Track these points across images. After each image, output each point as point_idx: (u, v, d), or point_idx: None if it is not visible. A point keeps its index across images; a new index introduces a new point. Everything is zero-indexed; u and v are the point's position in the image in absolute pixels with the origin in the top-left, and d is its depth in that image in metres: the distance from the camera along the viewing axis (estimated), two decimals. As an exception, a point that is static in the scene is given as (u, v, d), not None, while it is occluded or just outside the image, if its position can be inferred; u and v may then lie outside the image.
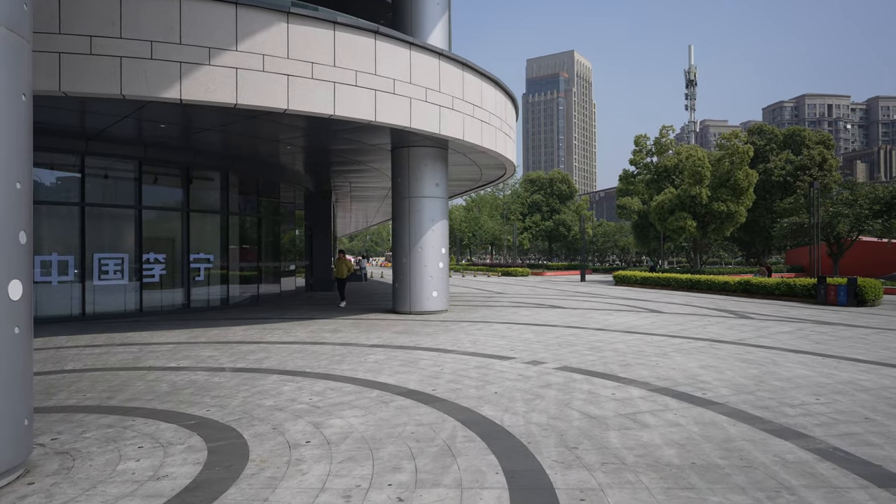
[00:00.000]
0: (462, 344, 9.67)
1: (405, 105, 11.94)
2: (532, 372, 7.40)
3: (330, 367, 7.72)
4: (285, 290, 19.88)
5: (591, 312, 14.95)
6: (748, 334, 10.81)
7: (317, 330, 11.55)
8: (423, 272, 14.60)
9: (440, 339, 10.28)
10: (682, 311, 15.22)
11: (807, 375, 7.16)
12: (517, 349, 9.14)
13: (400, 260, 14.91)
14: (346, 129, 12.65)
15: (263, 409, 5.68)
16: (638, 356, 8.47)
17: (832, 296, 17.60)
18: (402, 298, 14.83)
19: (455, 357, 8.48)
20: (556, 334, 10.80)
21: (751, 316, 14.09)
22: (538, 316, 14.07)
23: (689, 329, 11.56)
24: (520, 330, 11.43)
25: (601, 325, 12.11)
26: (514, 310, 15.74)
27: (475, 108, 13.81)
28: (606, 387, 6.57)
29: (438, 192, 14.88)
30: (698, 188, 30.74)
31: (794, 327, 11.87)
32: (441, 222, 14.89)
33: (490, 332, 11.07)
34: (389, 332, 11.27)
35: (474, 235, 56.02)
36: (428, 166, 14.71)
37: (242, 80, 10.04)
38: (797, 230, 27.19)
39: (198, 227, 15.92)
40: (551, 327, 11.86)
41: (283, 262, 19.80)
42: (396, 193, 15.05)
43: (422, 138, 13.75)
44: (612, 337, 10.43)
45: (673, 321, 12.96)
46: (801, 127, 38.86)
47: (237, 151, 15.70)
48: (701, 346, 9.33)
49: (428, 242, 14.64)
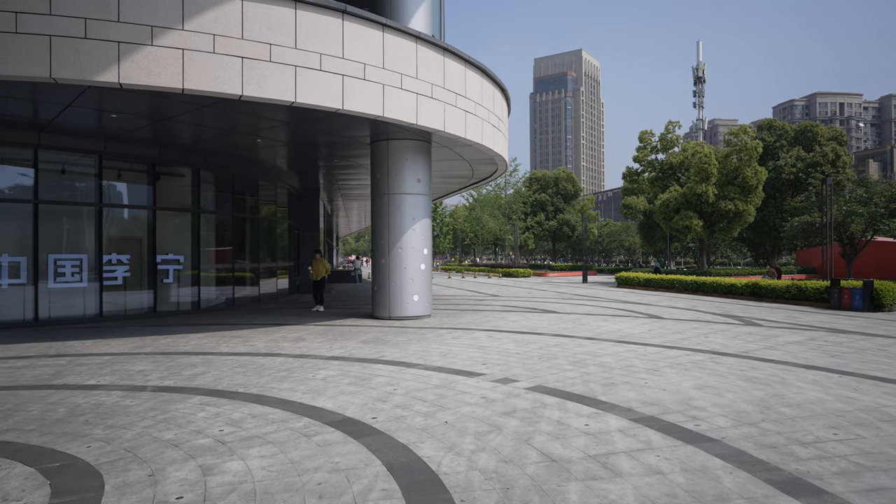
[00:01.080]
0: (431, 356, 8.63)
1: (377, 92, 10.92)
2: (498, 393, 6.35)
3: (267, 387, 6.70)
4: (267, 292, 18.90)
5: (585, 318, 13.86)
6: (754, 345, 9.69)
7: (279, 339, 10.55)
8: (403, 275, 13.57)
9: (409, 349, 9.25)
10: (683, 317, 14.10)
11: (821, 399, 6.06)
12: (491, 363, 8.09)
13: (378, 261, 13.89)
14: (315, 119, 11.64)
15: (156, 446, 4.66)
16: (626, 373, 7.40)
17: (846, 300, 16.41)
18: (380, 303, 13.81)
19: (417, 373, 7.44)
20: (540, 344, 9.74)
21: (758, 323, 12.96)
22: (526, 322, 13.00)
23: (689, 338, 10.46)
24: (501, 339, 10.38)
25: (592, 334, 11.03)
26: (503, 315, 14.68)
27: (458, 97, 12.76)
28: (581, 414, 5.51)
29: (420, 188, 13.85)
30: (705, 186, 29.47)
31: (806, 336, 10.74)
32: (423, 221, 13.86)
33: (467, 342, 10.02)
34: (357, 340, 10.25)
35: (476, 235, 54.89)
36: (408, 160, 13.68)
37: (190, 62, 9.06)
38: (808, 230, 25.90)
39: (166, 226, 14.97)
40: (537, 336, 10.79)
41: (263, 264, 18.83)
42: (375, 190, 14.03)
43: (401, 130, 12.74)
44: (601, 348, 9.35)
45: (672, 329, 11.85)
46: (812, 122, 37.40)
47: (208, 145, 14.73)
48: (699, 361, 8.24)
49: (408, 242, 13.61)
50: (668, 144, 33.31)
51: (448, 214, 70.01)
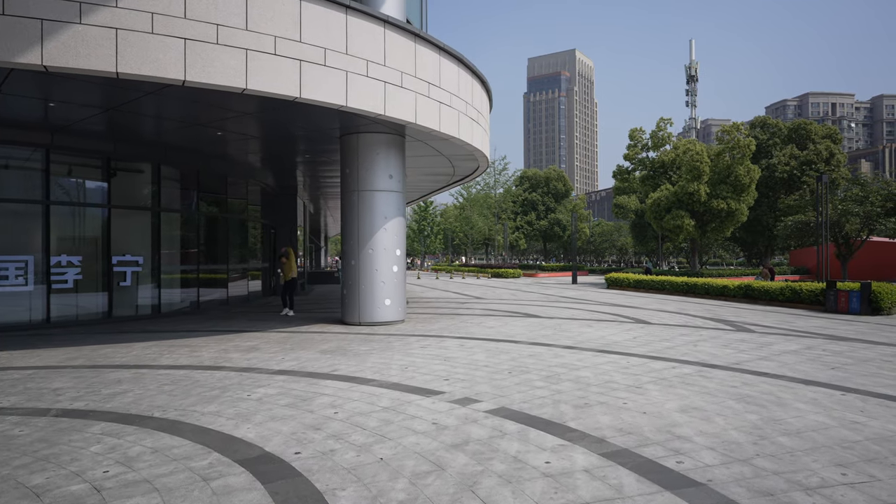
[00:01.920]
0: (389, 370, 7.77)
1: (340, 80, 10.04)
2: (453, 418, 5.49)
3: (189, 410, 5.82)
4: (237, 295, 17.97)
5: (568, 323, 13.03)
6: (747, 355, 8.88)
7: (230, 348, 9.66)
8: (374, 277, 12.70)
9: (369, 361, 8.38)
10: (672, 322, 13.30)
11: (824, 425, 5.24)
12: (454, 379, 7.23)
13: (348, 263, 13.01)
14: (273, 109, 10.75)
15: (13, 496, 3.78)
16: (603, 390, 6.56)
17: (843, 303, 15.66)
18: (350, 308, 12.93)
19: (367, 391, 6.57)
20: (514, 355, 8.89)
21: (751, 328, 12.16)
22: (504, 328, 12.16)
23: (677, 347, 9.64)
24: (472, 349, 9.52)
25: (573, 342, 10.19)
26: (482, 320, 13.83)
27: (431, 87, 11.91)
28: (543, 447, 4.66)
29: (393, 184, 12.98)
30: (696, 184, 28.69)
31: (803, 345, 9.94)
32: (396, 220, 12.99)
33: (435, 352, 9.16)
34: (315, 350, 9.37)
35: (466, 235, 54.02)
36: (380, 155, 12.81)
37: (125, 43, 8.16)
38: (803, 229, 25.17)
39: (123, 225, 14.04)
40: (512, 345, 9.95)
41: (233, 265, 17.90)
42: (344, 186, 13.15)
43: (370, 122, 11.88)
44: (579, 359, 8.51)
45: (659, 336, 11.03)
46: (806, 120, 36.69)
47: (169, 139, 13.82)
48: (687, 375, 7.41)
49: (380, 243, 12.74)
50: (659, 142, 32.50)
51: (439, 214, 69.15)
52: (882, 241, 27.81)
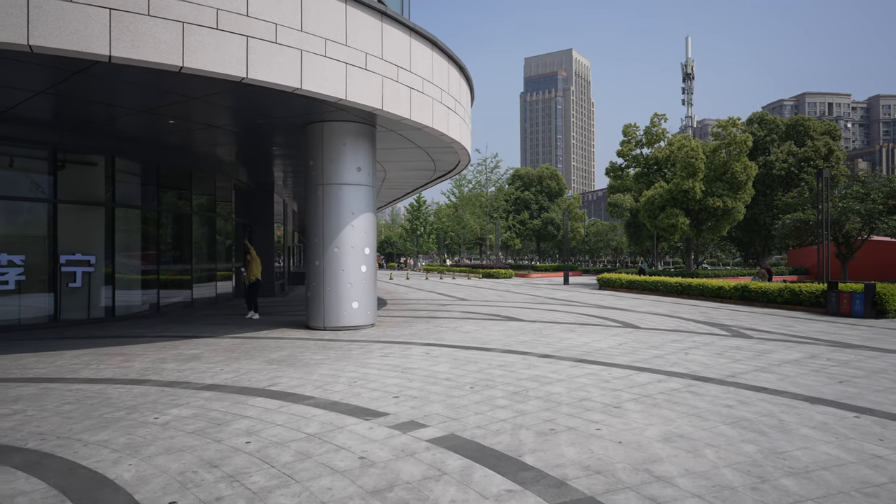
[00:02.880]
0: (335, 385, 6.78)
1: (293, 59, 9.06)
2: (388, 450, 4.52)
3: (73, 438, 4.83)
4: (203, 296, 16.95)
5: (550, 328, 12.07)
6: (743, 366, 7.92)
7: (169, 357, 8.67)
8: (340, 278, 11.71)
9: (315, 374, 7.40)
10: (663, 326, 12.35)
11: (838, 460, 4.28)
12: (406, 395, 6.26)
13: (312, 263, 12.02)
14: (221, 93, 9.76)
15: None
16: (575, 411, 5.59)
17: (846, 305, 14.72)
18: (314, 311, 11.95)
19: (298, 413, 5.59)
20: (482, 366, 7.92)
21: (748, 333, 11.21)
22: (480, 333, 11.18)
23: (666, 356, 8.68)
24: (437, 358, 8.54)
25: (551, 350, 9.22)
26: (459, 324, 12.85)
27: (400, 71, 10.93)
28: (486, 494, 3.69)
29: (362, 178, 12.00)
30: (691, 182, 27.74)
31: (805, 353, 8.98)
32: (365, 216, 12.01)
33: (394, 362, 8.18)
34: (261, 360, 8.39)
35: (457, 235, 52.99)
36: (347, 146, 11.83)
37: (38, 13, 7.16)
38: (801, 228, 24.26)
39: (72, 222, 13.02)
40: (483, 353, 8.97)
41: (199, 264, 16.88)
42: (308, 180, 12.16)
43: (335, 110, 10.91)
44: (554, 371, 7.54)
45: (648, 342, 10.07)
46: (804, 116, 35.77)
47: (122, 129, 12.82)
48: (674, 391, 6.45)
49: (347, 241, 11.75)
50: (653, 138, 31.52)
51: (432, 214, 68.12)
52: (883, 240, 26.92)
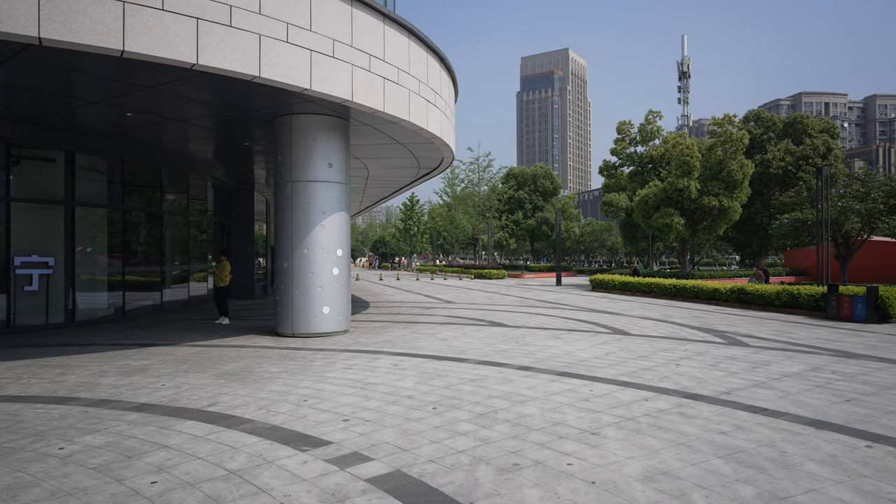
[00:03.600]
0: (282, 404, 6.04)
1: (251, 44, 8.31)
2: (315, 495, 3.78)
3: (-55, 478, 4.08)
4: (175, 299, 16.16)
5: (534, 335, 11.34)
6: (739, 380, 7.20)
7: (113, 369, 7.91)
8: (310, 281, 10.97)
9: (265, 391, 6.65)
10: (654, 332, 11.63)
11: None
12: (357, 418, 5.52)
13: (280, 265, 11.27)
14: (174, 81, 9.00)
15: None
16: (546, 439, 4.86)
17: (847, 309, 14.03)
18: (283, 317, 11.20)
19: (229, 440, 4.85)
20: (452, 380, 7.18)
21: (744, 341, 10.50)
22: (457, 341, 10.45)
23: (655, 368, 7.96)
24: (405, 370, 7.81)
25: (531, 360, 8.49)
26: (438, 330, 12.12)
27: (372, 60, 10.18)
28: (418, 563, 2.96)
29: (334, 174, 11.26)
30: (686, 180, 27.04)
31: (807, 364, 8.27)
32: (337, 215, 11.27)
33: (357, 376, 7.44)
34: (212, 373, 7.64)
35: (450, 234, 52.18)
36: (318, 140, 11.09)
37: (-47, -13, 6.40)
38: (799, 228, 23.60)
39: (28, 221, 12.26)
40: (457, 364, 8.24)
41: (170, 266, 16.10)
42: (277, 177, 11.42)
43: (304, 101, 10.17)
44: (530, 387, 6.80)
45: (637, 351, 9.35)
46: (802, 114, 35.08)
47: (82, 123, 12.07)
48: (662, 413, 5.72)
49: (317, 242, 11.01)
50: (648, 136, 30.79)
51: (426, 213, 67.35)
52: (883, 240, 26.26)
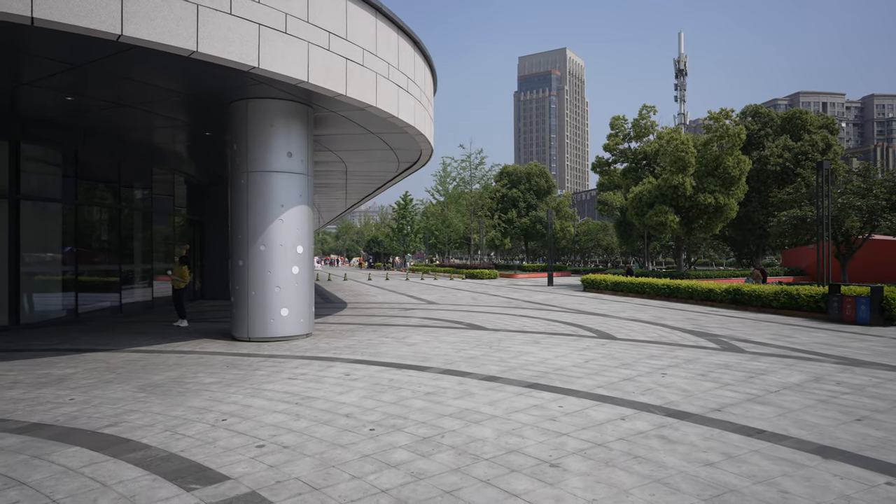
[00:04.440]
0: (195, 425, 5.14)
1: (188, 15, 7.40)
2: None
3: None
4: (136, 301, 15.23)
5: (512, 339, 10.44)
6: (733, 392, 6.31)
7: (26, 380, 7.00)
8: (267, 281, 10.06)
9: (184, 407, 5.75)
10: (643, 336, 10.74)
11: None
12: (273, 444, 4.62)
13: (235, 263, 10.37)
14: (101, 59, 8.09)
15: None
16: (494, 473, 3.95)
17: (849, 311, 13.15)
18: (238, 319, 10.29)
19: (106, 474, 3.94)
20: (404, 394, 6.28)
21: (740, 346, 9.61)
22: (426, 346, 9.54)
23: (639, 378, 7.06)
24: (355, 381, 6.90)
25: (500, 370, 7.59)
26: (409, 333, 11.22)
27: (333, 38, 9.28)
28: None
29: (294, 164, 10.36)
30: (681, 177, 26.15)
31: (809, 374, 7.38)
32: (298, 209, 10.37)
33: (297, 388, 6.54)
34: (136, 384, 6.73)
35: (442, 234, 51.24)
36: (276, 127, 10.18)
37: None
38: (798, 226, 22.75)
39: (-34, 216, 11.34)
40: (416, 374, 7.34)
41: (131, 265, 15.17)
42: (232, 167, 10.52)
43: (258, 84, 9.30)
44: (491, 402, 5.90)
45: (620, 358, 8.45)
46: (801, 109, 34.19)
47: (24, 111, 11.16)
48: (638, 436, 4.82)
49: (275, 237, 10.11)
50: (642, 132, 29.89)
51: (420, 212, 66.39)
52: (885, 239, 25.39)
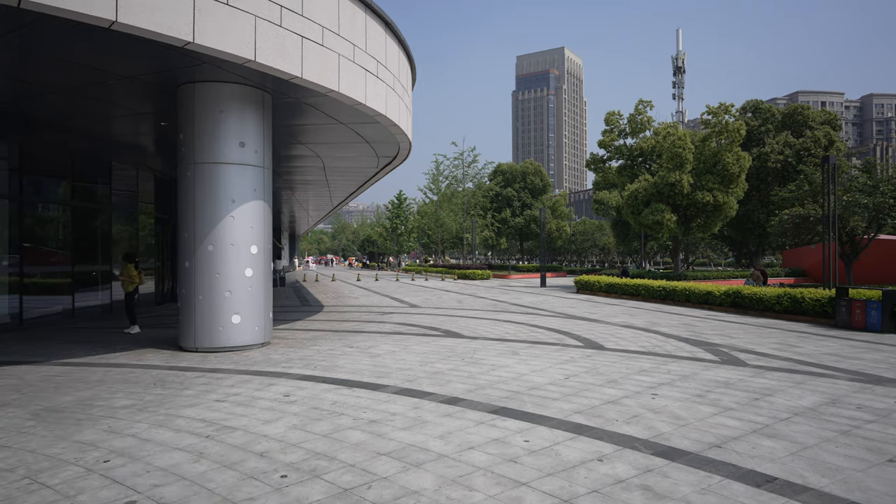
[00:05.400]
0: (62, 470, 4.13)
1: (104, -21, 6.38)
2: None
3: None
4: (92, 304, 14.18)
5: (488, 349, 9.43)
6: (735, 422, 5.30)
7: None
8: (216, 285, 9.05)
9: (69, 440, 4.74)
10: (634, 346, 9.74)
11: None
12: (147, 502, 3.61)
13: (182, 265, 9.35)
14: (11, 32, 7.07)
15: None
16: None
17: (858, 317, 12.17)
18: (185, 327, 9.28)
19: None
20: (342, 423, 5.27)
21: (741, 359, 8.61)
22: (390, 359, 8.53)
23: (625, 400, 6.06)
24: (291, 406, 5.90)
25: (466, 389, 6.58)
26: (378, 342, 10.21)
27: (285, 12, 8.27)
28: None
29: (247, 156, 9.35)
30: (678, 174, 25.14)
31: (823, 394, 6.38)
32: (252, 205, 9.36)
33: (221, 414, 5.53)
34: (35, 407, 5.73)
35: (434, 234, 50.17)
36: (227, 114, 9.18)
37: None
38: (800, 225, 21.77)
39: None
40: (368, 393, 6.33)
41: (88, 266, 14.14)
42: (179, 158, 9.50)
43: (205, 65, 8.30)
44: (444, 435, 4.89)
45: (607, 374, 7.45)
46: (802, 105, 33.21)
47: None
48: (616, 487, 3.81)
49: (225, 236, 9.09)
50: (638, 127, 28.86)
51: (415, 212, 65.35)
52: (891, 238, 24.43)
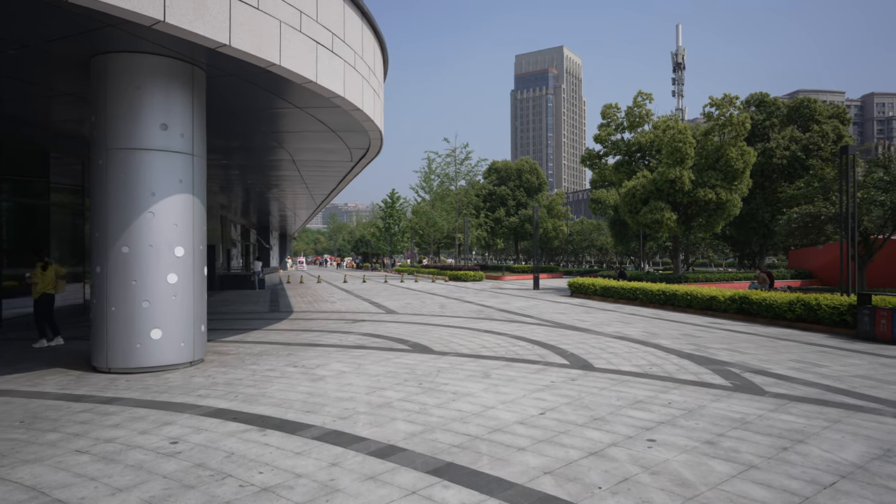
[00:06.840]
0: None
1: None
2: None
3: None
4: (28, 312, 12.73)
5: (455, 370, 8.00)
6: (761, 495, 3.86)
7: None
8: (132, 293, 7.61)
9: None
10: (628, 366, 8.31)
11: None
12: None
13: (94, 269, 7.92)
14: None
15: None
16: None
17: (884, 327, 10.74)
18: (96, 343, 7.84)
19: None
20: (221, 493, 3.84)
21: (757, 382, 7.17)
22: (332, 384, 7.09)
23: (610, 451, 4.63)
24: (166, 464, 4.47)
25: (408, 433, 5.15)
26: (328, 360, 8.77)
27: (207, -33, 6.84)
28: None
29: (172, 141, 7.91)
30: (679, 170, 23.69)
31: (870, 441, 4.95)
32: (176, 198, 7.92)
33: (58, 478, 4.11)
34: None
35: (426, 234, 48.73)
36: (145, 90, 7.74)
37: None
38: (810, 224, 20.38)
39: None
40: (282, 437, 4.90)
41: (20, 270, 12.69)
42: (91, 144, 8.06)
43: (116, 31, 6.85)
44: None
45: (591, 407, 6.02)
46: (809, 98, 31.85)
47: None
48: None
49: (143, 237, 7.66)
50: (636, 121, 27.38)
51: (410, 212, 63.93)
52: (903, 239, 23.02)
